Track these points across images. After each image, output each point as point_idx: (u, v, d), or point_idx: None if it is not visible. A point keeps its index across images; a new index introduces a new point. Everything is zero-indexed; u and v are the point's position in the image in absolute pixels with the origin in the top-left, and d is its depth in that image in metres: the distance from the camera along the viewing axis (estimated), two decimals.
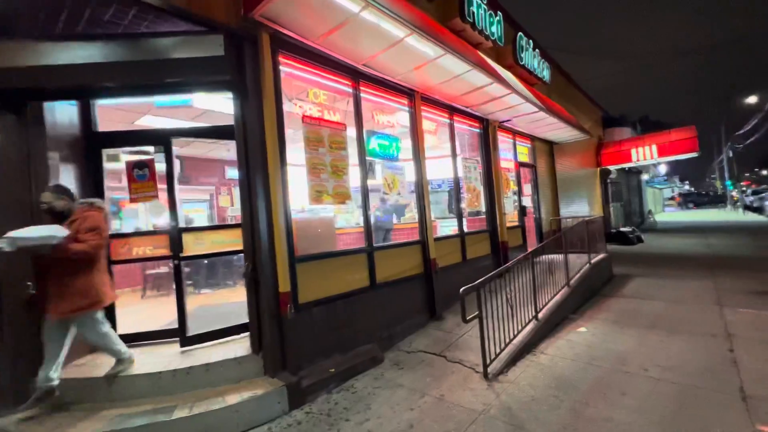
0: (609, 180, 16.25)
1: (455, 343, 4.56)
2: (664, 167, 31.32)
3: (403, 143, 5.51)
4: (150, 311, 5.61)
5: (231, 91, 3.53)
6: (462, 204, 6.58)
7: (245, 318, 3.72)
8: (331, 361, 3.87)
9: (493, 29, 6.56)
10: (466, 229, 6.62)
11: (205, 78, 3.32)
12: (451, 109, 6.44)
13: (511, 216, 8.30)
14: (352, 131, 4.61)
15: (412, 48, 4.22)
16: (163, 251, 4.16)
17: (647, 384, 3.36)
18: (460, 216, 6.51)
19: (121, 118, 5.48)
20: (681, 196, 47.98)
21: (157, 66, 3.17)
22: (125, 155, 4.54)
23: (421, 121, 5.60)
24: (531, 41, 8.27)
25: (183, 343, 3.93)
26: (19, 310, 3.27)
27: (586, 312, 5.69)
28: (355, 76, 4.62)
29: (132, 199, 4.19)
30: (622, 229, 13.86)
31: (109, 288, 3.30)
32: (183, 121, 5.75)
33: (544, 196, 10.14)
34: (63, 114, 3.79)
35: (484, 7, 6.26)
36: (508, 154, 8.61)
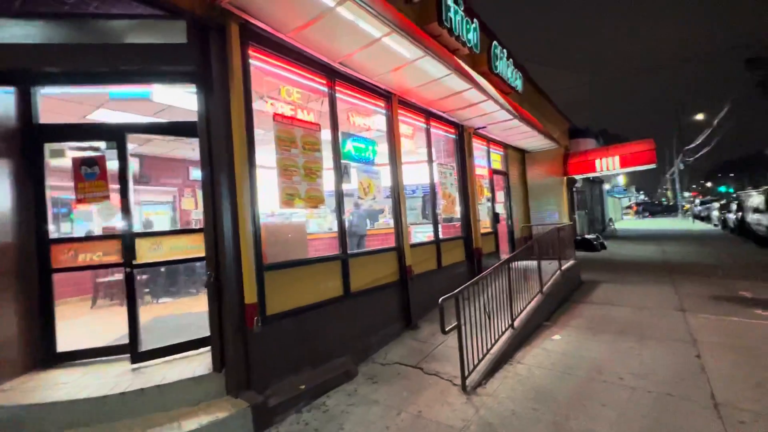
0: (575, 189, 16.87)
1: (432, 353, 4.41)
2: (622, 177, 33.06)
3: (380, 147, 5.36)
4: (99, 323, 5.10)
5: (194, 83, 3.23)
6: (438, 210, 6.50)
7: (207, 330, 3.39)
8: (302, 376, 3.61)
9: (470, 36, 6.57)
10: (441, 235, 6.53)
11: (165, 67, 3.01)
12: (427, 114, 6.37)
13: (484, 222, 8.33)
14: (327, 134, 4.40)
15: (391, 49, 4.09)
16: (114, 258, 3.76)
17: (624, 393, 3.34)
18: (435, 222, 6.42)
19: (72, 112, 4.97)
20: (637, 205, 50.90)
21: (109, 51, 2.83)
22: (72, 152, 4.08)
23: (398, 125, 5.48)
24: (505, 50, 8.39)
25: (134, 359, 3.56)
26: None
27: (559, 318, 5.72)
28: (331, 75, 4.42)
29: (79, 200, 3.77)
30: (587, 236, 14.36)
31: None
32: (142, 116, 5.31)
33: (516, 203, 10.30)
34: None
35: (461, 13, 6.26)
36: (483, 161, 8.67)
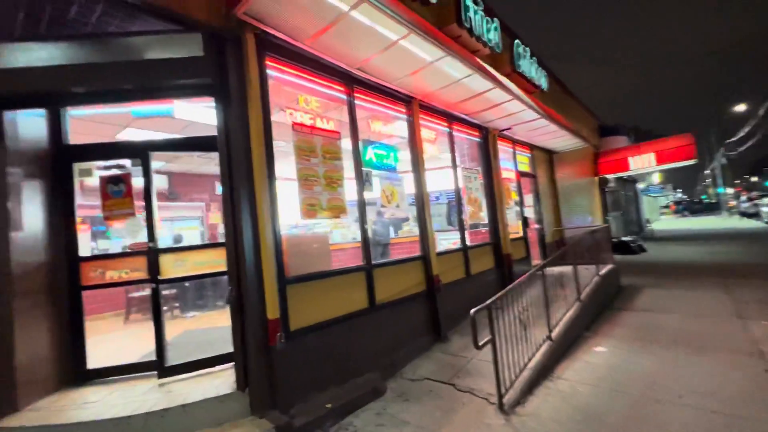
0: (607, 189, 16.09)
1: (464, 368, 4.16)
2: (657, 176, 31.41)
3: (401, 153, 5.21)
4: (130, 339, 5.15)
5: (213, 96, 3.21)
6: (464, 216, 6.25)
7: (232, 345, 3.30)
8: (328, 394, 3.45)
9: (491, 36, 6.36)
10: (468, 242, 6.27)
11: (183, 81, 3.00)
12: (450, 117, 6.18)
13: (513, 227, 7.99)
14: (348, 142, 4.30)
15: (409, 51, 3.96)
16: (140, 274, 3.77)
17: (686, 414, 2.98)
18: (462, 229, 6.17)
19: (101, 132, 5.10)
20: (675, 204, 48.19)
21: (129, 68, 2.84)
22: (98, 171, 4.16)
23: (420, 130, 5.32)
24: (528, 48, 8.11)
25: (161, 375, 3.54)
26: None
27: (601, 328, 5.32)
28: (349, 82, 4.33)
29: (106, 217, 3.81)
30: (624, 239, 13.59)
31: None
32: (167, 134, 5.41)
33: (546, 206, 9.87)
34: (28, 126, 3.44)
35: (481, 13, 6.07)
36: (509, 163, 8.35)
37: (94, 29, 2.82)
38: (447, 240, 7.36)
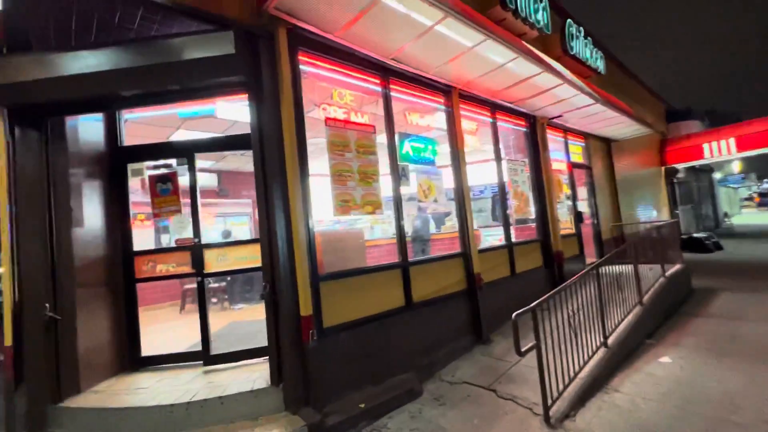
0: (676, 180, 14.53)
1: (507, 373, 3.90)
2: (737, 164, 27.85)
3: (441, 147, 5.00)
4: (183, 329, 5.46)
5: (247, 93, 3.24)
6: (508, 211, 5.90)
7: None
8: (362, 394, 3.39)
9: (539, 16, 5.89)
10: (514, 238, 5.91)
11: (217, 80, 3.05)
12: (493, 106, 5.83)
13: (565, 223, 7.43)
14: (383, 137, 4.18)
15: (447, 36, 3.73)
16: (186, 268, 3.95)
17: None
18: (507, 224, 5.82)
19: (154, 135, 5.45)
20: (761, 195, 42.52)
21: (169, 69, 2.95)
22: (148, 171, 4.42)
23: (460, 121, 5.06)
24: (582, 28, 7.44)
25: (206, 363, 3.73)
26: (36, 334, 3.14)
27: (667, 336, 4.76)
28: (384, 73, 4.20)
29: (155, 214, 4.04)
30: (696, 235, 12.20)
31: None
32: (214, 134, 5.65)
33: (602, 199, 9.08)
34: (88, 130, 3.72)
35: None
36: (560, 154, 7.76)
37: (137, 34, 2.95)
38: (493, 236, 7.01)
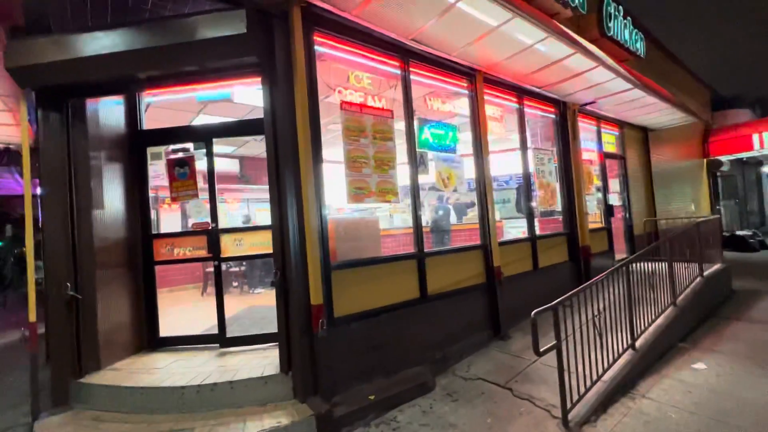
0: (719, 173, 13.56)
1: (524, 371, 3.73)
2: None
3: (462, 134, 4.78)
4: (202, 311, 5.56)
5: (260, 75, 3.16)
6: (533, 202, 5.62)
7: None
8: (373, 385, 3.33)
9: None
10: (538, 231, 5.64)
11: (230, 60, 2.98)
12: (519, 92, 5.52)
13: (593, 216, 7.05)
14: (401, 124, 4.02)
15: (470, 15, 3.49)
16: (202, 252, 3.97)
17: None
18: (531, 216, 5.56)
19: (175, 119, 5.49)
20: None
21: (182, 50, 2.89)
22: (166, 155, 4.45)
23: (484, 107, 4.81)
24: (621, 7, 6.91)
25: (222, 345, 3.78)
26: (59, 312, 3.24)
27: (702, 340, 4.44)
28: (404, 55, 4.01)
29: (173, 198, 4.07)
30: (739, 233, 11.38)
31: None
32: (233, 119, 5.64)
33: (636, 192, 8.55)
34: (108, 113, 3.76)
35: None
36: (591, 143, 7.33)
37: (151, 14, 2.91)
38: (516, 228, 6.75)
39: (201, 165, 4.06)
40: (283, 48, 3.10)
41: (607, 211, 7.33)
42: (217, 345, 3.82)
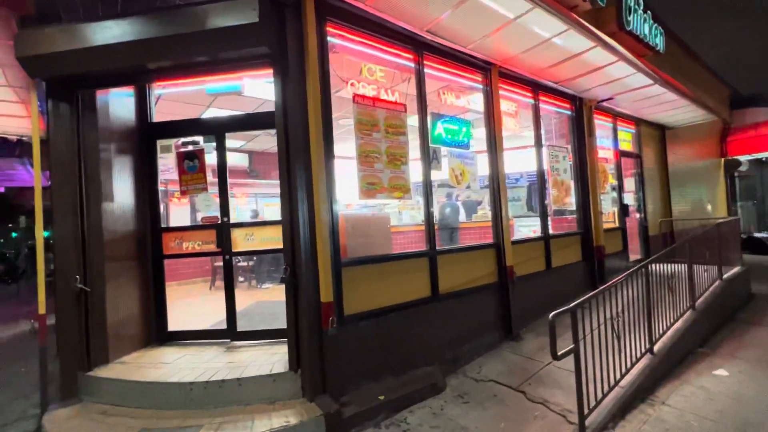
0: (737, 174, 13.21)
1: (538, 374, 3.64)
2: None
3: (476, 130, 4.66)
4: (210, 305, 5.55)
5: (272, 67, 3.08)
6: (547, 201, 5.49)
7: None
8: (382, 385, 3.26)
9: None
10: (551, 230, 5.52)
11: (241, 51, 2.91)
12: (535, 86, 5.38)
13: (607, 216, 6.89)
14: (414, 118, 3.92)
15: (487, 6, 3.37)
16: (211, 247, 3.93)
17: None
18: (544, 215, 5.43)
19: (184, 112, 5.46)
20: None
21: (193, 39, 2.83)
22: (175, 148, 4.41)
23: (499, 102, 4.69)
24: (641, 1, 6.68)
25: (231, 339, 3.78)
26: (68, 304, 3.22)
27: (722, 345, 4.30)
28: (418, 48, 3.90)
29: (182, 192, 4.03)
30: (757, 235, 11.10)
31: None
32: (245, 112, 5.59)
33: (652, 191, 8.34)
34: (118, 105, 3.72)
35: None
36: (607, 141, 7.14)
37: (161, 3, 2.85)
38: (526, 227, 6.63)
39: (210, 159, 4.02)
40: (295, 39, 3.02)
41: (622, 210, 7.15)
42: (225, 340, 3.80)
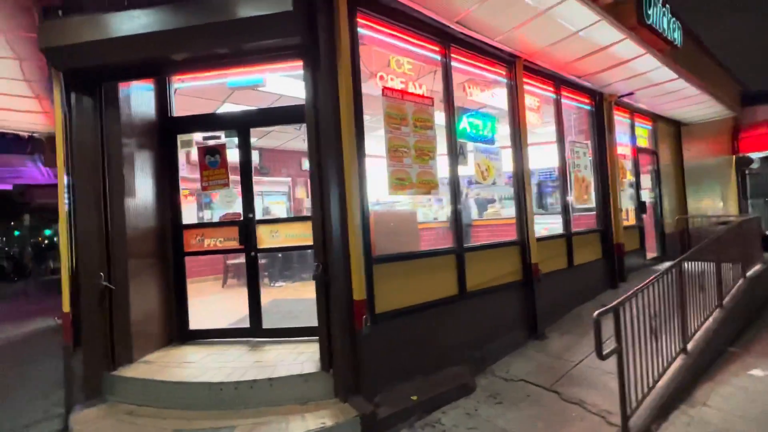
0: (748, 171, 13.07)
1: (569, 374, 3.56)
2: None
3: (499, 124, 4.57)
4: (227, 303, 5.47)
5: (302, 59, 2.99)
6: (569, 197, 5.40)
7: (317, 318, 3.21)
8: (413, 385, 3.18)
9: None
10: (573, 227, 5.43)
11: (272, 41, 2.81)
12: (557, 81, 5.28)
13: (623, 213, 6.80)
14: (440, 112, 3.84)
15: None
16: (233, 243, 3.85)
17: None
18: (566, 212, 5.35)
19: (200, 107, 5.35)
20: None
21: (221, 29, 2.74)
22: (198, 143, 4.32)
23: (524, 96, 4.59)
24: None
25: (257, 335, 3.72)
26: (92, 302, 3.15)
27: (752, 344, 4.22)
28: (446, 40, 3.81)
29: (203, 187, 3.94)
30: None
31: None
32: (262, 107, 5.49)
33: (668, 188, 8.25)
34: (139, 99, 3.63)
35: None
36: (624, 137, 7.04)
37: None
38: (539, 225, 6.52)
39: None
40: (326, 30, 2.93)
41: (641, 207, 7.06)
42: (248, 338, 3.72)
